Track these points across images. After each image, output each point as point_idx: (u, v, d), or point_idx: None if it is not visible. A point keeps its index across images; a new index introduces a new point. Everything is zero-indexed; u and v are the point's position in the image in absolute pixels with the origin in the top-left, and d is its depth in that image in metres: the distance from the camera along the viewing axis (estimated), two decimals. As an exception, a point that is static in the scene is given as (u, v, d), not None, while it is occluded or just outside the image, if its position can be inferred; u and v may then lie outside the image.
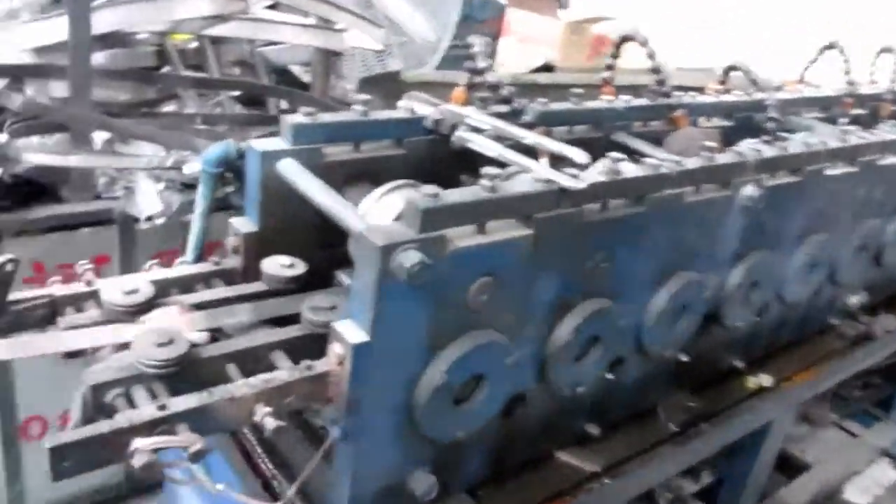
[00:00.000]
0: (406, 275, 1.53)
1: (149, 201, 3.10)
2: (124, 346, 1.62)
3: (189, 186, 3.07)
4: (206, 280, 2.01)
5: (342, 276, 2.24)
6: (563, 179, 1.79)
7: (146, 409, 1.46)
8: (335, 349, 1.64)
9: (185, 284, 1.98)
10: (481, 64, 2.31)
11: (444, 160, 2.30)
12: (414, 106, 2.24)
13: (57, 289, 1.82)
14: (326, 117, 2.05)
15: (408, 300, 1.62)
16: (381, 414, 1.73)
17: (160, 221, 3.09)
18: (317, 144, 2.04)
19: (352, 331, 1.62)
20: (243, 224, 2.04)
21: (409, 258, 1.54)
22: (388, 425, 1.74)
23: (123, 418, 1.41)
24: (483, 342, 1.81)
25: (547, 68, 3.77)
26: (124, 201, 3.10)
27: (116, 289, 1.75)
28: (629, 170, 2.00)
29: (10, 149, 2.76)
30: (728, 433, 2.67)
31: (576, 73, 4.01)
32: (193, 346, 1.66)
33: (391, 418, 1.73)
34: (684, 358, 2.51)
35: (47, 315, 1.79)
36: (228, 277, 2.05)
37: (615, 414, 2.40)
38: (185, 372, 1.60)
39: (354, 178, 2.16)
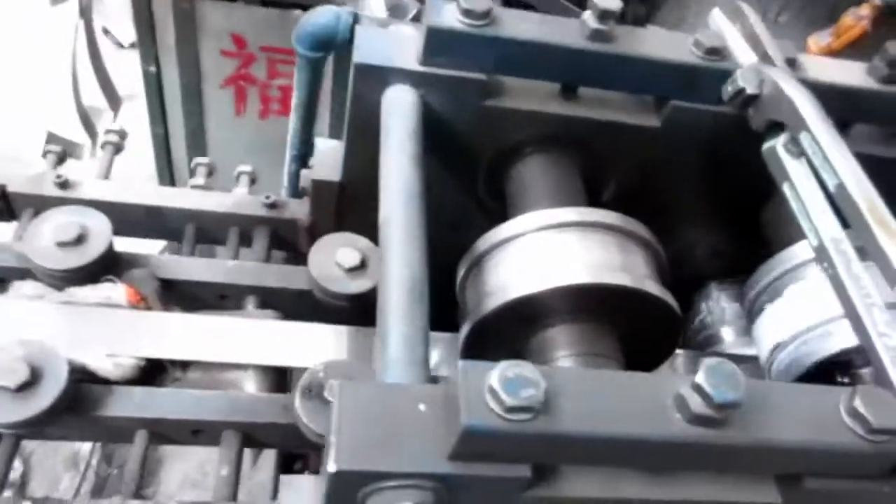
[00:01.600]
0: None
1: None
2: None
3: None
4: (247, 226, 1.24)
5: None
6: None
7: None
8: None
9: (209, 225, 1.23)
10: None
11: (727, 153, 1.16)
12: (727, 40, 1.06)
13: (16, 182, 1.18)
14: (513, 23, 1.00)
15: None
16: None
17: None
18: (477, 73, 1.03)
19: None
20: (324, 161, 1.18)
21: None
22: None
23: None
24: None
25: None
26: (349, -7, 2.32)
27: (50, 230, 1.05)
28: None
29: None
30: None
31: None
32: (85, 380, 0.97)
33: None
34: None
35: (-4, 211, 1.19)
36: (283, 233, 1.26)
37: None
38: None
39: (547, 144, 1.13)
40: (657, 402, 0.65)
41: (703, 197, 1.28)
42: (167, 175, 3.07)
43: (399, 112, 0.99)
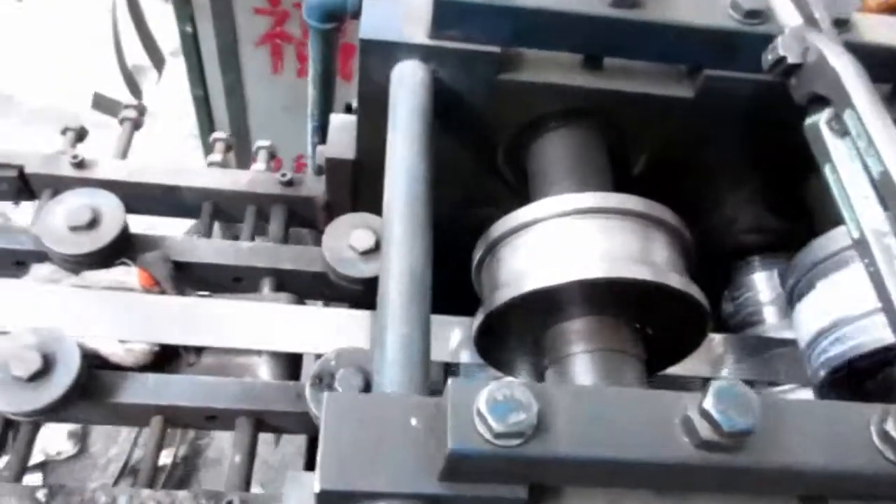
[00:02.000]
0: None
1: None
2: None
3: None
4: (263, 204, 1.22)
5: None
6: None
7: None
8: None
9: (226, 204, 1.21)
10: None
11: (768, 122, 1.06)
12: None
13: (33, 162, 1.18)
14: (530, -8, 0.92)
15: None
16: None
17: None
18: (491, 45, 0.96)
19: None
20: (338, 138, 1.14)
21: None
22: None
23: None
24: None
25: None
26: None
27: (63, 214, 1.05)
28: None
29: None
30: None
31: None
32: (98, 366, 0.97)
33: None
34: None
35: (13, 190, 1.19)
36: (300, 210, 1.23)
37: None
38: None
39: (571, 118, 1.06)
40: (663, 423, 0.60)
41: (743, 168, 1.19)
42: (209, 134, 3.06)
43: (407, 90, 0.94)
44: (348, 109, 2.17)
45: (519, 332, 0.96)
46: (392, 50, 0.95)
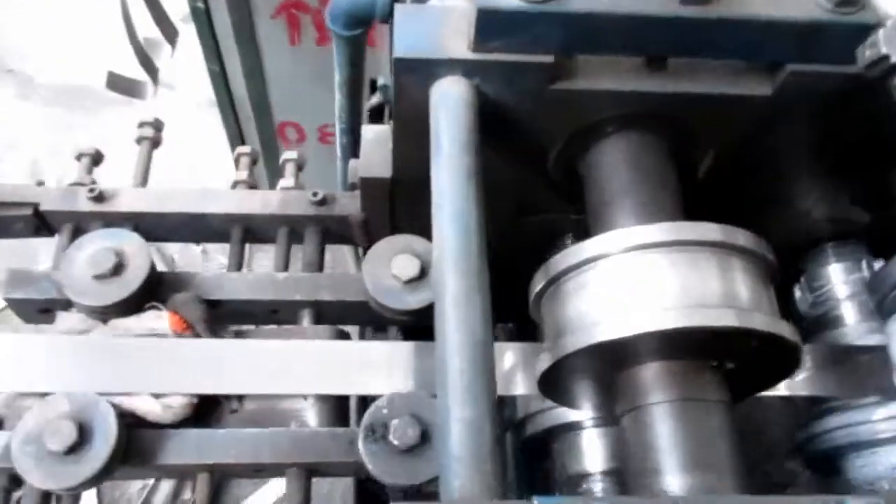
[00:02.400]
0: None
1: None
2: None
3: None
4: (296, 225, 1.13)
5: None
6: None
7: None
8: None
9: (256, 226, 1.13)
10: None
11: (854, 114, 0.95)
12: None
13: (49, 199, 1.10)
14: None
15: None
16: None
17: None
18: (542, 55, 0.85)
19: None
20: (372, 154, 1.04)
21: None
22: None
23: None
24: None
25: None
26: None
27: (85, 260, 0.98)
28: None
29: None
30: None
31: None
32: (136, 424, 0.92)
33: None
34: None
35: (29, 228, 1.11)
36: (335, 229, 1.14)
37: None
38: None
39: (631, 123, 0.95)
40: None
41: (821, 161, 1.07)
42: (229, 109, 2.96)
43: (449, 110, 0.83)
44: (373, 86, 2.06)
45: (587, 376, 0.87)
46: (431, 67, 0.84)
